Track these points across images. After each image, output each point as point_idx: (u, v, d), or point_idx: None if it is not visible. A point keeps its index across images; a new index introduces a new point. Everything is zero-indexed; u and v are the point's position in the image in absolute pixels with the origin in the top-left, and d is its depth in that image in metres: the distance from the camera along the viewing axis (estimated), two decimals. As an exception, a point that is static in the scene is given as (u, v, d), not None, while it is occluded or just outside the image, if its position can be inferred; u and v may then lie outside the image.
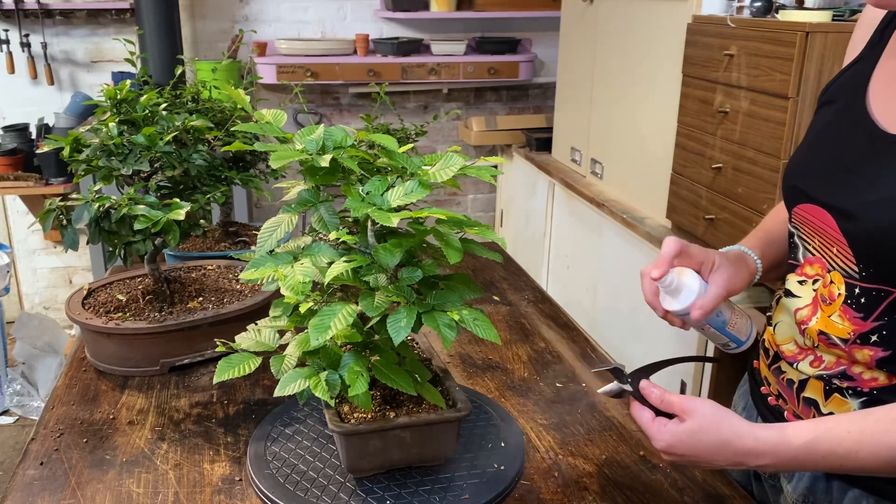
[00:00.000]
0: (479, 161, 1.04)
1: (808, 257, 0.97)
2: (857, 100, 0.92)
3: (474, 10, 3.86)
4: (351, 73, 3.73)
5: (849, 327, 0.89)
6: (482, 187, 4.35)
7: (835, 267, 0.91)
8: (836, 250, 0.91)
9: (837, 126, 0.95)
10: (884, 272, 0.85)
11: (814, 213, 0.94)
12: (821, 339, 0.93)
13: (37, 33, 3.62)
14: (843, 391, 0.92)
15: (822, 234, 0.93)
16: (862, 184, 0.87)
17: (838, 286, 0.91)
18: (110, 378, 1.32)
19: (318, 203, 0.97)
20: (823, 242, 0.93)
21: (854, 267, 0.88)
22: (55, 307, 4.05)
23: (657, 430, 0.89)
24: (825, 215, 0.91)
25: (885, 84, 0.91)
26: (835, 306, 0.91)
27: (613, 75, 2.85)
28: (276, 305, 1.01)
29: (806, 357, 0.97)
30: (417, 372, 1.02)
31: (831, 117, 0.97)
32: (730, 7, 2.28)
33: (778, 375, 1.02)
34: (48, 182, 3.37)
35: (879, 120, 0.89)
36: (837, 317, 0.91)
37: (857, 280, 0.88)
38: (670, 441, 0.88)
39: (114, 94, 1.32)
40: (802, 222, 0.97)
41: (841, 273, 0.90)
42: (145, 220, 1.22)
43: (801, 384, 0.97)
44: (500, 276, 1.81)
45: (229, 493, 1.02)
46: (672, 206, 2.45)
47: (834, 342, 0.91)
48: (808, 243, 0.97)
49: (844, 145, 0.92)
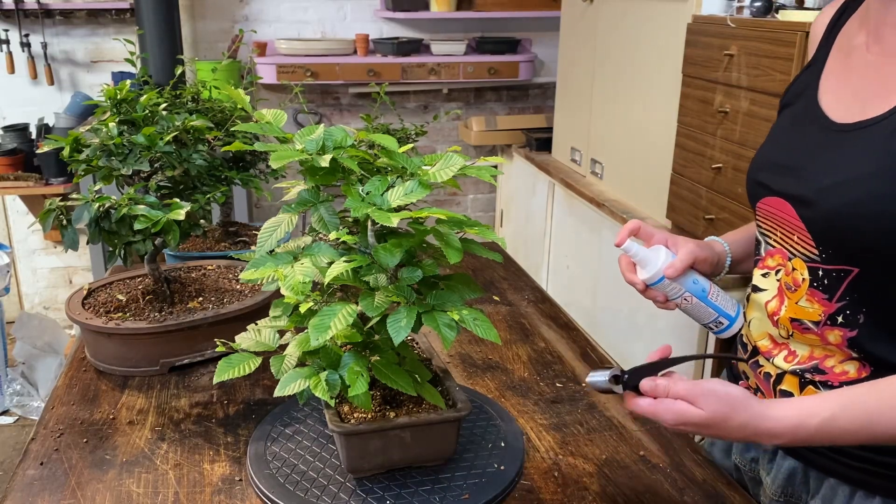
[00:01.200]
0: (479, 161, 1.04)
1: (769, 250, 1.03)
2: (810, 97, 1.01)
3: (474, 10, 3.86)
4: (351, 73, 3.73)
5: (819, 309, 0.94)
6: (482, 187, 4.35)
7: (796, 254, 0.97)
8: (796, 238, 0.96)
9: (794, 123, 1.03)
10: (842, 252, 0.90)
11: (775, 204, 1.00)
12: (794, 327, 0.98)
13: (37, 33, 3.62)
14: (816, 384, 0.97)
15: (784, 224, 0.99)
16: (817, 172, 0.93)
17: (801, 272, 0.96)
18: (110, 378, 1.32)
19: (318, 203, 0.97)
20: (784, 232, 0.99)
21: (815, 251, 0.94)
22: (55, 307, 4.05)
23: (664, 410, 0.86)
24: (785, 205, 0.98)
25: (833, 80, 0.99)
26: (801, 292, 0.96)
27: (613, 75, 2.85)
28: (276, 305, 1.01)
29: (780, 352, 1.01)
30: (417, 372, 1.02)
31: (789, 117, 1.05)
32: (730, 7, 2.28)
33: (756, 370, 1.06)
34: (48, 182, 3.37)
35: (829, 113, 0.97)
36: (806, 301, 0.96)
37: (819, 263, 0.94)
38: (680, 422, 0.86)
39: (114, 94, 1.32)
40: (765, 216, 1.03)
41: (803, 259, 0.96)
42: (145, 220, 1.22)
43: (777, 378, 1.02)
44: (500, 276, 1.81)
45: (229, 493, 1.02)
46: (672, 205, 2.45)
47: (807, 326, 0.96)
48: (769, 237, 1.03)
49: (801, 139, 1.00)
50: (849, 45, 1.00)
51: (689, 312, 1.07)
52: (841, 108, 0.96)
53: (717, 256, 1.11)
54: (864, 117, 0.91)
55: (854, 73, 0.96)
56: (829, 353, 0.96)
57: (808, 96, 1.02)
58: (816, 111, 0.98)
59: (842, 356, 0.95)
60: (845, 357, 0.94)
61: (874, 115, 0.90)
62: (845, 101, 0.96)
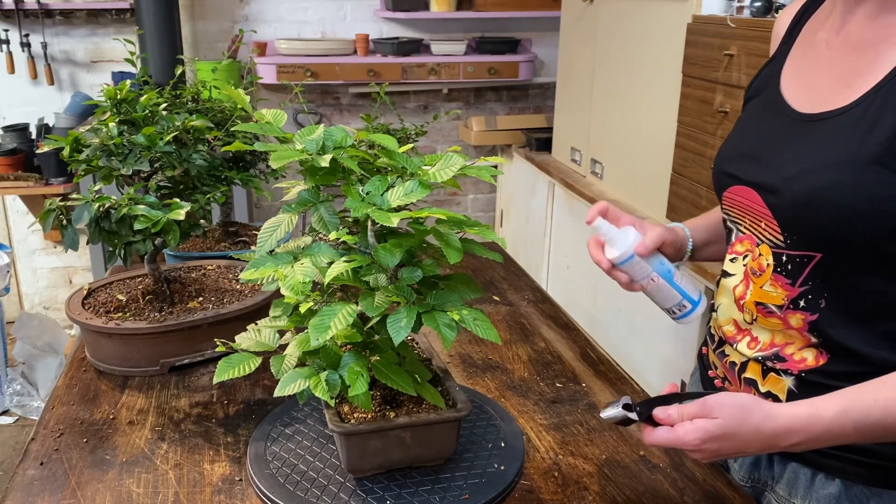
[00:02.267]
0: (479, 161, 1.04)
1: (739, 236, 1.06)
2: (773, 89, 1.04)
3: (474, 10, 3.86)
4: (351, 73, 3.73)
5: (782, 293, 0.98)
6: (482, 187, 4.35)
7: (763, 240, 1.00)
8: (763, 224, 0.99)
9: (758, 114, 1.07)
10: (806, 239, 0.94)
11: (742, 193, 1.03)
12: (759, 311, 1.01)
13: (37, 33, 3.62)
14: (778, 371, 1.00)
15: (751, 211, 1.01)
16: (782, 160, 0.97)
17: (766, 257, 0.99)
18: (110, 378, 1.32)
19: (318, 203, 0.97)
20: (752, 219, 1.02)
21: (780, 237, 0.97)
22: (55, 307, 4.05)
23: (684, 433, 0.87)
24: (752, 193, 1.00)
25: (795, 73, 1.03)
26: (765, 276, 0.99)
27: (613, 75, 2.85)
28: (276, 305, 1.01)
29: (744, 338, 1.04)
30: (417, 372, 1.03)
31: (754, 109, 1.09)
32: (730, 7, 2.28)
33: (722, 359, 1.09)
34: (48, 182, 3.37)
35: (792, 103, 1.00)
36: (770, 286, 0.99)
37: (783, 248, 0.97)
38: (703, 438, 0.86)
39: (114, 94, 1.32)
40: (732, 205, 1.06)
41: (769, 245, 0.99)
42: (145, 220, 1.22)
43: (742, 366, 1.05)
44: (500, 276, 1.81)
45: (229, 493, 1.02)
46: (672, 206, 2.45)
47: (771, 310, 0.99)
48: (738, 224, 1.05)
49: (765, 129, 1.03)
50: (811, 39, 1.03)
51: (654, 294, 1.08)
52: (804, 100, 0.99)
53: (680, 241, 1.15)
54: (827, 108, 0.94)
55: (816, 66, 1.00)
56: (790, 340, 0.99)
57: (771, 89, 1.05)
58: (780, 103, 1.02)
59: (801, 342, 0.97)
60: (804, 343, 0.97)
61: (838, 106, 0.93)
62: (808, 92, 0.99)
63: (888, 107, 0.87)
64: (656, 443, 0.90)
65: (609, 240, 1.07)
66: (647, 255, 1.06)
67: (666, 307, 1.09)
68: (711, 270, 2.11)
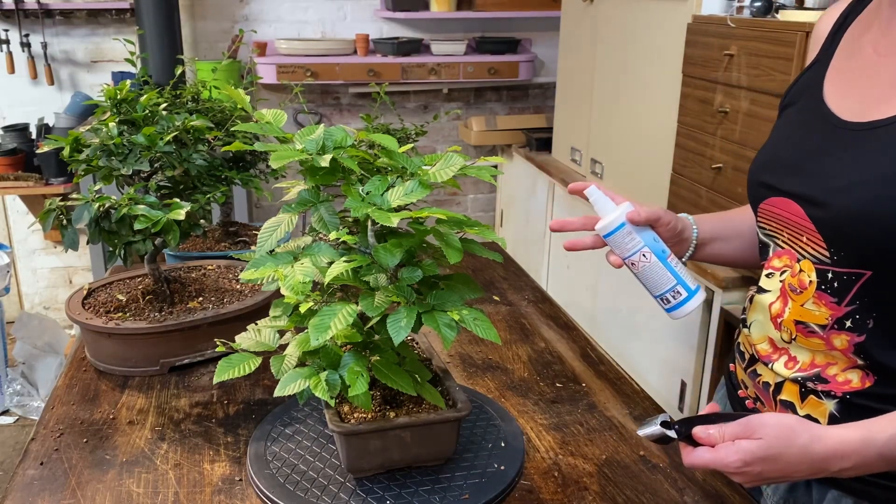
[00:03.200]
0: (479, 161, 1.04)
1: (776, 251, 0.99)
2: (815, 96, 0.98)
3: (474, 10, 3.86)
4: (351, 73, 3.73)
5: (826, 312, 0.91)
6: (482, 187, 4.35)
7: (805, 255, 0.94)
8: (805, 238, 0.93)
9: (799, 122, 1.00)
10: (854, 255, 0.88)
11: (781, 205, 0.97)
12: (799, 330, 0.94)
13: (37, 33, 3.62)
14: (819, 394, 0.93)
15: (791, 225, 0.96)
16: (827, 171, 0.91)
17: (808, 274, 0.93)
18: (110, 378, 1.32)
19: (318, 203, 0.97)
20: (792, 233, 0.96)
21: (825, 252, 0.91)
22: (55, 307, 4.04)
23: (726, 454, 0.82)
24: (793, 205, 0.95)
25: (839, 79, 0.97)
26: (807, 294, 0.93)
27: (613, 75, 2.85)
28: (276, 305, 1.01)
29: (780, 357, 0.98)
30: (417, 372, 1.02)
31: (793, 117, 1.02)
32: (730, 7, 2.28)
33: (754, 378, 1.02)
34: (48, 182, 3.37)
35: (837, 111, 0.94)
36: (812, 304, 0.93)
37: (828, 265, 0.91)
38: (746, 459, 0.81)
39: (114, 94, 1.32)
40: (770, 217, 1.00)
41: (812, 260, 0.93)
42: (145, 220, 1.22)
43: (777, 387, 0.98)
44: (500, 276, 1.81)
45: (229, 493, 1.02)
46: (672, 206, 2.45)
47: (812, 329, 0.93)
48: (776, 238, 0.99)
49: (807, 138, 0.97)
50: (855, 45, 0.98)
51: (645, 275, 1.00)
52: (850, 108, 0.93)
53: (682, 226, 1.08)
54: (876, 117, 0.89)
55: (863, 72, 0.95)
56: (832, 361, 0.93)
57: (812, 95, 0.99)
58: (823, 110, 0.96)
59: (845, 363, 0.92)
60: (849, 365, 0.91)
61: (889, 114, 0.88)
62: (854, 100, 0.94)
63: None
64: (696, 464, 0.84)
65: (600, 207, 1.01)
66: (640, 226, 0.99)
67: (658, 293, 1.00)
68: (711, 271, 2.11)
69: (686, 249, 1.11)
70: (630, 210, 1.00)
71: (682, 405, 2.31)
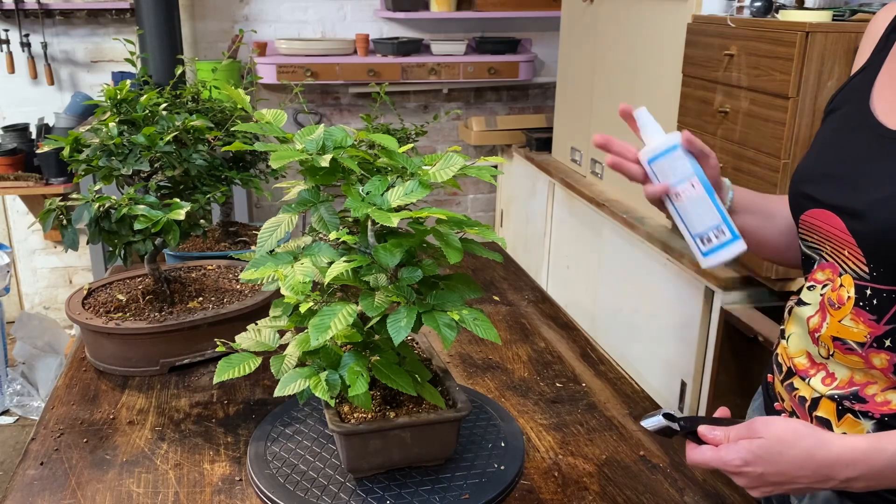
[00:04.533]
0: (479, 161, 1.04)
1: (821, 263, 0.95)
2: (862, 104, 0.93)
3: (474, 10, 3.86)
4: (351, 73, 3.73)
5: (864, 330, 0.87)
6: (482, 187, 4.35)
7: (846, 270, 0.90)
8: (846, 252, 0.89)
9: (843, 130, 0.95)
10: (894, 271, 0.84)
11: (822, 217, 0.93)
12: (836, 346, 0.91)
13: (37, 33, 3.62)
14: (856, 413, 0.90)
15: (832, 238, 0.92)
16: (869, 183, 0.87)
17: (848, 289, 0.89)
18: (110, 378, 1.32)
19: (318, 203, 0.97)
20: (834, 247, 0.92)
21: (865, 268, 0.87)
22: (55, 307, 4.04)
23: (726, 452, 0.81)
24: (834, 218, 0.91)
25: (889, 85, 0.92)
26: (845, 310, 0.90)
27: (613, 75, 2.85)
28: (276, 305, 1.01)
29: (818, 372, 0.94)
30: (417, 372, 1.02)
31: (837, 124, 0.97)
32: (730, 7, 2.28)
33: (791, 392, 0.99)
34: (48, 182, 3.37)
35: (884, 120, 0.89)
36: (850, 320, 0.89)
37: (867, 281, 0.87)
38: (746, 458, 0.80)
39: (114, 94, 1.32)
40: (811, 229, 0.96)
41: (852, 275, 0.89)
42: (145, 220, 1.22)
43: (813, 402, 0.95)
44: (500, 276, 1.81)
45: (229, 493, 1.02)
46: (672, 206, 2.45)
47: (851, 347, 0.89)
48: (821, 250, 0.95)
49: (850, 148, 0.92)
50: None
51: (688, 208, 0.92)
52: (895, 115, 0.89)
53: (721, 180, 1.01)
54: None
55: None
56: (872, 380, 0.89)
57: (858, 101, 0.94)
58: (868, 118, 0.91)
59: (885, 383, 0.88)
60: (889, 385, 0.87)
61: None
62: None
63: None
64: (698, 462, 0.84)
65: (649, 131, 0.93)
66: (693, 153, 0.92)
67: (699, 231, 0.92)
68: (711, 271, 2.10)
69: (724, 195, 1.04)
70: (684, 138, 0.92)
71: (682, 405, 2.31)
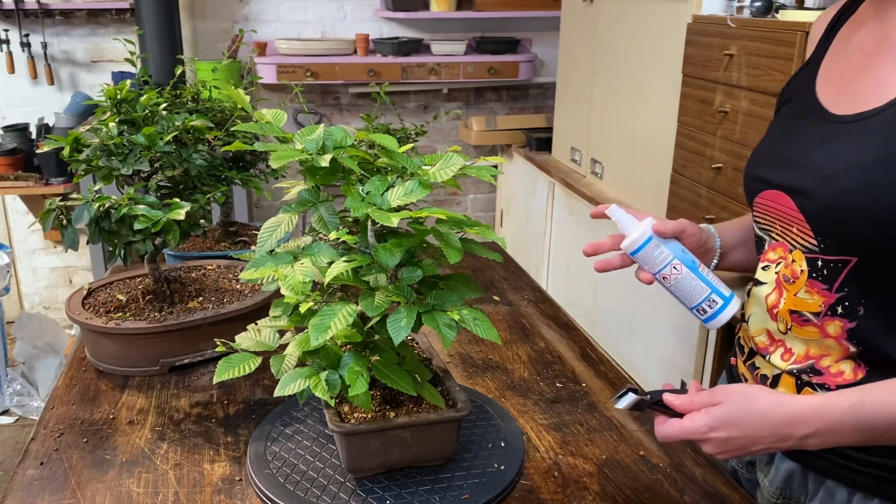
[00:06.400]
0: (479, 161, 1.04)
1: (771, 244, 1.03)
2: (808, 93, 1.02)
3: (474, 10, 3.86)
4: (351, 73, 3.73)
5: (819, 300, 0.95)
6: (482, 187, 4.35)
7: (796, 246, 0.97)
8: (795, 229, 0.97)
9: (793, 118, 1.04)
10: (840, 242, 0.91)
11: (773, 197, 1.00)
12: (794, 319, 0.98)
13: (37, 33, 3.62)
14: (813, 386, 0.96)
15: (783, 216, 0.99)
16: (815, 163, 0.95)
17: (800, 263, 0.97)
18: (110, 378, 1.32)
19: (318, 203, 0.97)
20: (784, 225, 0.99)
21: (813, 241, 0.94)
22: (55, 307, 4.05)
23: (691, 422, 0.86)
24: (784, 197, 0.98)
25: (830, 75, 1.02)
26: (799, 283, 0.97)
27: (613, 75, 2.85)
28: (276, 305, 1.01)
29: (777, 349, 1.01)
30: (417, 372, 1.02)
31: (788, 113, 1.07)
32: (730, 7, 2.28)
33: (753, 371, 1.05)
34: (48, 182, 3.37)
35: (828, 106, 0.98)
36: (805, 292, 0.96)
37: (818, 253, 0.94)
38: (710, 423, 0.85)
39: (114, 94, 1.32)
40: (763, 210, 1.03)
41: (802, 250, 0.96)
42: (145, 220, 1.22)
43: (774, 379, 1.01)
44: (500, 276, 1.81)
45: (229, 493, 1.02)
46: (672, 206, 2.45)
47: (807, 318, 0.96)
48: (770, 230, 1.03)
49: (799, 133, 1.01)
50: (847, 42, 1.02)
51: (677, 288, 0.99)
52: (839, 101, 0.97)
53: (705, 235, 1.10)
54: (860, 109, 0.93)
55: (852, 69, 0.98)
56: (826, 351, 0.96)
57: (805, 91, 1.03)
58: (814, 104, 1.00)
59: (838, 353, 0.95)
60: (842, 355, 0.94)
61: (872, 106, 0.91)
62: (844, 95, 0.97)
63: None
64: (669, 435, 0.88)
65: (624, 225, 1.00)
66: (667, 238, 0.99)
67: (694, 304, 0.99)
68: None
69: (711, 260, 1.13)
70: (655, 223, 1.00)
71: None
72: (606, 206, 1.03)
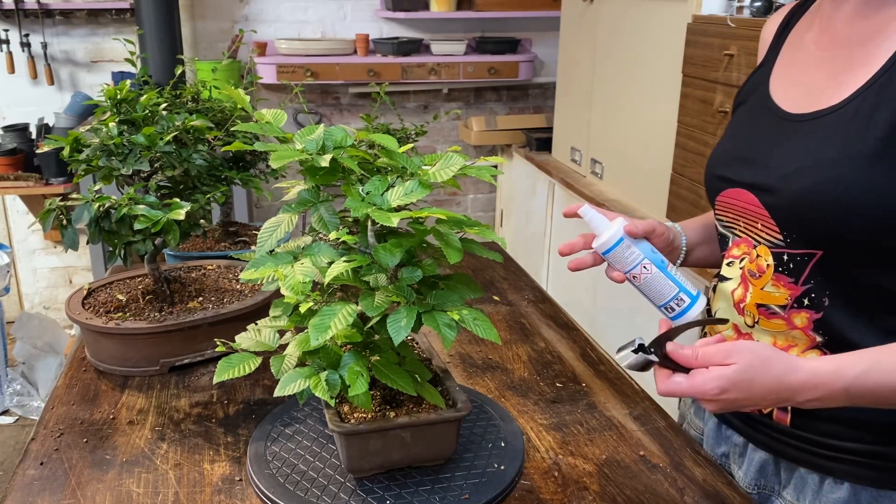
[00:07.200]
0: (479, 161, 1.04)
1: (735, 240, 1.05)
2: (763, 93, 1.06)
3: (474, 10, 3.86)
4: (351, 73, 3.73)
5: (785, 293, 0.97)
6: (482, 187, 4.35)
7: (761, 241, 1.00)
8: (760, 225, 0.99)
9: (749, 118, 1.07)
10: (806, 236, 0.94)
11: (736, 195, 1.03)
12: (761, 313, 1.00)
13: (37, 33, 3.62)
14: None
15: (746, 213, 1.02)
16: (776, 160, 0.97)
17: (766, 258, 0.99)
18: (110, 378, 1.32)
19: (318, 203, 0.97)
20: (748, 222, 1.02)
21: (779, 236, 0.97)
22: (55, 307, 4.05)
23: (703, 381, 0.83)
24: (747, 195, 1.01)
25: (784, 75, 1.05)
26: (765, 277, 0.99)
27: (613, 75, 2.85)
28: (276, 305, 1.01)
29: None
30: (417, 372, 1.02)
31: (744, 114, 1.09)
32: (730, 7, 2.28)
33: None
34: (48, 182, 3.37)
35: (783, 105, 1.01)
36: (772, 286, 0.98)
37: (783, 248, 0.97)
38: (722, 385, 0.83)
39: (114, 94, 1.32)
40: (726, 208, 1.06)
41: (767, 245, 0.99)
42: (145, 220, 1.22)
43: None
44: (500, 276, 1.81)
45: (229, 493, 1.02)
46: (672, 205, 2.45)
47: (774, 311, 0.99)
48: (733, 228, 1.05)
49: (758, 132, 1.03)
50: (799, 42, 1.05)
51: (647, 287, 1.01)
52: (794, 101, 1.00)
53: (672, 234, 1.13)
54: (819, 107, 0.95)
55: (806, 67, 1.01)
56: (792, 343, 0.98)
57: (760, 92, 1.06)
58: (770, 105, 1.03)
59: (805, 344, 0.97)
60: (808, 345, 0.97)
61: (830, 104, 0.94)
62: (798, 93, 1.00)
63: (883, 101, 0.88)
64: (673, 392, 0.86)
65: (596, 226, 1.03)
66: (637, 239, 1.01)
67: (661, 303, 1.02)
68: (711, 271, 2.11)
69: (677, 257, 1.16)
70: (626, 224, 1.02)
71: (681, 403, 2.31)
72: (578, 205, 1.05)
